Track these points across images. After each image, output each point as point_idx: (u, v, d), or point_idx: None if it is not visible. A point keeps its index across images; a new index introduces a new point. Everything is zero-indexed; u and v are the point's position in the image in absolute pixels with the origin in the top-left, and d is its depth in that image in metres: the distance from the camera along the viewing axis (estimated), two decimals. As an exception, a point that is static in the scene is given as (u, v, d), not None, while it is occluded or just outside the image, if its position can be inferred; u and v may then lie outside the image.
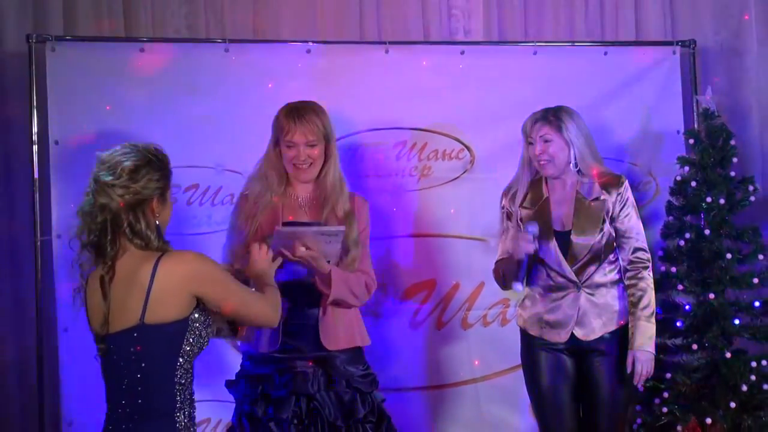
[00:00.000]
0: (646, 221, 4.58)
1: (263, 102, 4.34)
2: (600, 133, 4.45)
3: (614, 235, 3.90)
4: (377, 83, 4.44)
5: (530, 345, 3.94)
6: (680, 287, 4.50)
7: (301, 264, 3.38)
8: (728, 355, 4.40)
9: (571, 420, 3.88)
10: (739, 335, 4.46)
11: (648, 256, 3.95)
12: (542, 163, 3.82)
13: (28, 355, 4.41)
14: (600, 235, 3.83)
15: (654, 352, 3.87)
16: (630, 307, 3.89)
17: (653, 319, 3.89)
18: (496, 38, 5.04)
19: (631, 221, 3.92)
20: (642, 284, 3.90)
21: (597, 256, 3.84)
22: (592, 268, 3.84)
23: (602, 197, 3.87)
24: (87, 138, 4.21)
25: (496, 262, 4.01)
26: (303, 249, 3.32)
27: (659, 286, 4.49)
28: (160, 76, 4.36)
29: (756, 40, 5.06)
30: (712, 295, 4.43)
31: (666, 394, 4.46)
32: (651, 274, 3.95)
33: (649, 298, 3.90)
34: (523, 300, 4.02)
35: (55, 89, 4.23)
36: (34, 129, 4.25)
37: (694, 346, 4.45)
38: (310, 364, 3.50)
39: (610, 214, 3.87)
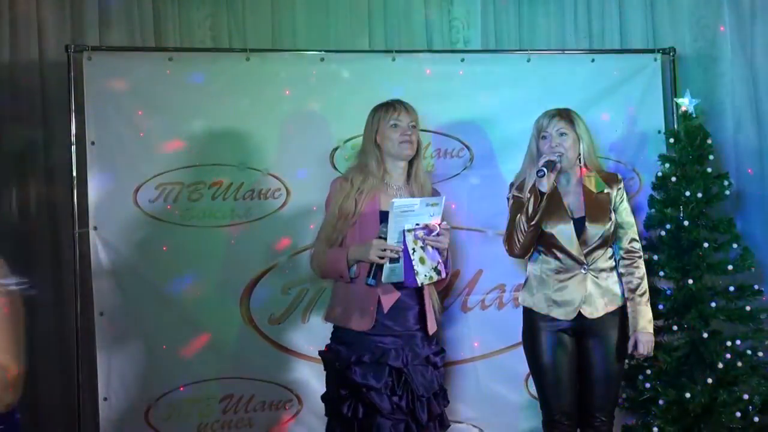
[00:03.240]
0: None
1: (281, 105, 4.54)
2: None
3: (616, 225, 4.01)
4: (385, 88, 4.43)
5: (533, 324, 3.98)
6: (662, 273, 4.58)
7: (435, 245, 3.55)
8: (705, 335, 4.49)
9: (570, 395, 3.92)
10: (716, 317, 4.53)
11: (640, 246, 4.07)
12: (559, 155, 3.86)
13: (67, 336, 4.54)
14: (610, 224, 3.95)
15: (653, 333, 3.99)
16: (628, 293, 3.99)
17: (649, 303, 4.01)
18: (493, 47, 5.16)
19: (628, 214, 4.06)
20: (638, 272, 4.01)
21: (605, 242, 3.95)
22: (599, 253, 3.95)
23: (606, 190, 3.99)
24: (121, 139, 4.38)
25: (507, 229, 3.98)
26: (440, 238, 3.54)
27: (643, 273, 4.63)
28: (187, 82, 4.45)
29: (730, 48, 5.08)
30: (690, 281, 4.52)
31: (649, 372, 4.57)
32: (643, 262, 4.07)
33: (645, 284, 4.02)
34: (527, 283, 4.05)
35: (91, 95, 4.33)
36: (73, 131, 4.35)
37: (675, 327, 4.55)
38: (400, 341, 3.64)
39: (613, 206, 4.00)
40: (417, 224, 3.50)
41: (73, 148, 4.37)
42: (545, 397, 3.96)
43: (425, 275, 3.54)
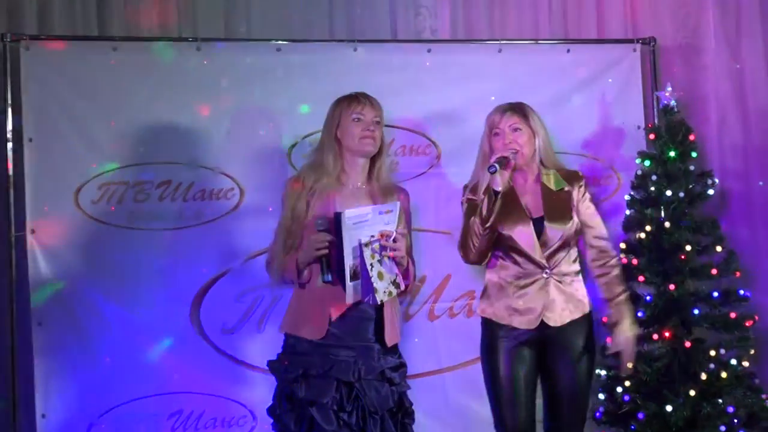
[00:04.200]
0: (608, 214, 4.65)
1: (235, 99, 4.45)
2: (563, 129, 4.50)
3: (580, 226, 3.87)
4: (346, 81, 4.27)
5: (492, 336, 3.84)
6: (641, 278, 4.48)
7: (392, 254, 3.45)
8: (688, 344, 4.40)
9: (528, 413, 3.79)
10: (699, 325, 4.45)
11: (610, 244, 3.92)
12: (513, 152, 3.74)
13: (2, 348, 4.38)
14: (570, 223, 3.81)
15: (635, 336, 3.86)
16: (606, 293, 3.86)
17: (629, 304, 3.88)
18: (462, 36, 5.03)
19: (594, 213, 3.92)
20: (617, 270, 3.88)
21: (566, 244, 3.82)
22: (561, 255, 3.81)
23: (566, 188, 3.86)
24: (61, 135, 4.28)
25: (461, 235, 3.86)
26: (397, 246, 3.44)
27: (620, 278, 4.59)
28: (133, 74, 4.36)
29: (714, 38, 5.01)
30: (672, 286, 4.43)
31: (627, 383, 4.45)
32: (619, 259, 3.96)
33: (624, 283, 3.89)
34: (486, 292, 3.92)
35: (29, 88, 4.23)
36: (9, 126, 4.24)
37: (655, 336, 4.44)
38: (354, 353, 3.52)
39: (575, 205, 3.86)
40: (372, 236, 3.39)
41: (9, 144, 4.27)
42: (500, 413, 3.82)
43: (384, 291, 3.43)
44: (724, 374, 4.40)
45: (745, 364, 4.47)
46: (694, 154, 4.57)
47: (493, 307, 3.85)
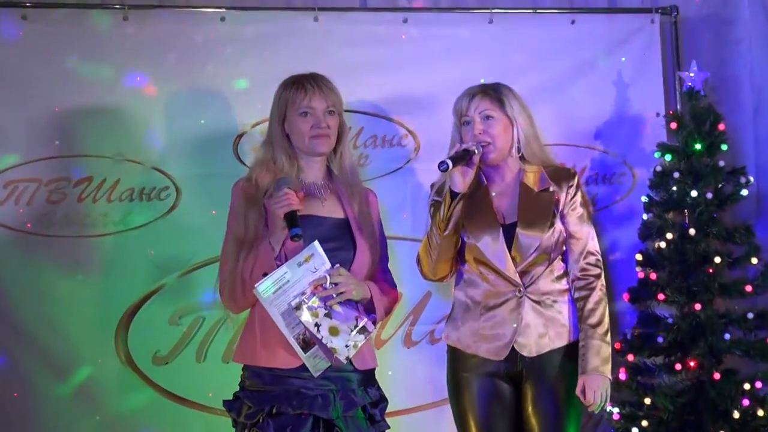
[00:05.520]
0: (622, 219, 4.52)
1: (170, 80, 4.22)
2: (567, 117, 4.36)
3: (565, 235, 3.57)
4: (305, 57, 4.07)
5: (459, 368, 3.57)
6: (661, 297, 4.27)
7: (340, 299, 3.20)
8: (717, 375, 4.20)
9: None
10: (730, 352, 4.25)
11: (600, 262, 3.61)
12: (483, 145, 3.45)
13: None
14: (550, 232, 3.48)
15: (611, 377, 3.51)
16: (579, 323, 3.56)
17: (608, 338, 3.53)
18: (446, 5, 4.74)
19: (583, 221, 3.60)
20: (595, 296, 3.55)
21: (545, 256, 3.48)
22: (539, 270, 3.49)
23: (551, 188, 3.54)
24: None
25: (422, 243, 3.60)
26: (341, 288, 3.18)
27: (636, 296, 4.39)
28: (46, 48, 4.10)
29: (748, 7, 4.79)
30: (698, 306, 4.22)
31: (645, 423, 4.24)
32: (603, 285, 3.62)
33: (603, 313, 3.55)
34: (452, 314, 3.65)
35: None
36: None
37: (678, 366, 4.24)
38: (329, 384, 3.29)
39: (560, 210, 3.54)
40: (302, 293, 3.12)
41: None
42: None
43: (347, 346, 3.15)
44: (761, 412, 4.20)
45: (786, 399, 4.32)
46: (724, 147, 4.36)
47: (458, 331, 3.57)
